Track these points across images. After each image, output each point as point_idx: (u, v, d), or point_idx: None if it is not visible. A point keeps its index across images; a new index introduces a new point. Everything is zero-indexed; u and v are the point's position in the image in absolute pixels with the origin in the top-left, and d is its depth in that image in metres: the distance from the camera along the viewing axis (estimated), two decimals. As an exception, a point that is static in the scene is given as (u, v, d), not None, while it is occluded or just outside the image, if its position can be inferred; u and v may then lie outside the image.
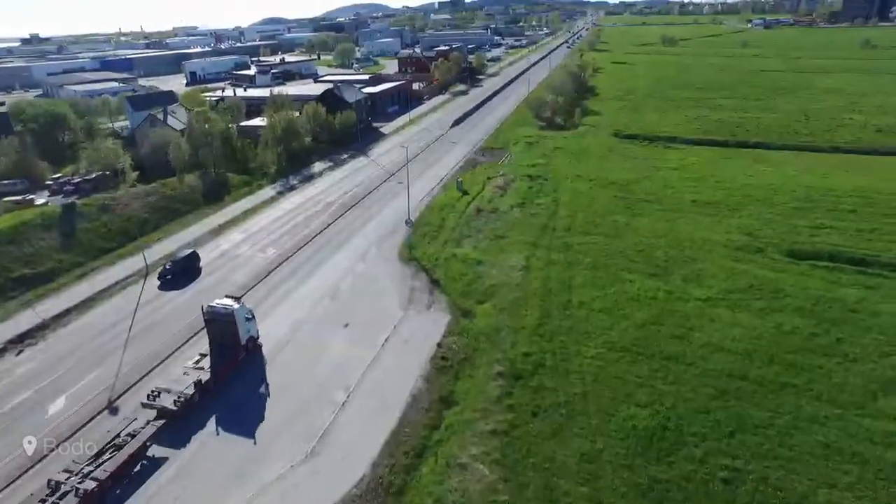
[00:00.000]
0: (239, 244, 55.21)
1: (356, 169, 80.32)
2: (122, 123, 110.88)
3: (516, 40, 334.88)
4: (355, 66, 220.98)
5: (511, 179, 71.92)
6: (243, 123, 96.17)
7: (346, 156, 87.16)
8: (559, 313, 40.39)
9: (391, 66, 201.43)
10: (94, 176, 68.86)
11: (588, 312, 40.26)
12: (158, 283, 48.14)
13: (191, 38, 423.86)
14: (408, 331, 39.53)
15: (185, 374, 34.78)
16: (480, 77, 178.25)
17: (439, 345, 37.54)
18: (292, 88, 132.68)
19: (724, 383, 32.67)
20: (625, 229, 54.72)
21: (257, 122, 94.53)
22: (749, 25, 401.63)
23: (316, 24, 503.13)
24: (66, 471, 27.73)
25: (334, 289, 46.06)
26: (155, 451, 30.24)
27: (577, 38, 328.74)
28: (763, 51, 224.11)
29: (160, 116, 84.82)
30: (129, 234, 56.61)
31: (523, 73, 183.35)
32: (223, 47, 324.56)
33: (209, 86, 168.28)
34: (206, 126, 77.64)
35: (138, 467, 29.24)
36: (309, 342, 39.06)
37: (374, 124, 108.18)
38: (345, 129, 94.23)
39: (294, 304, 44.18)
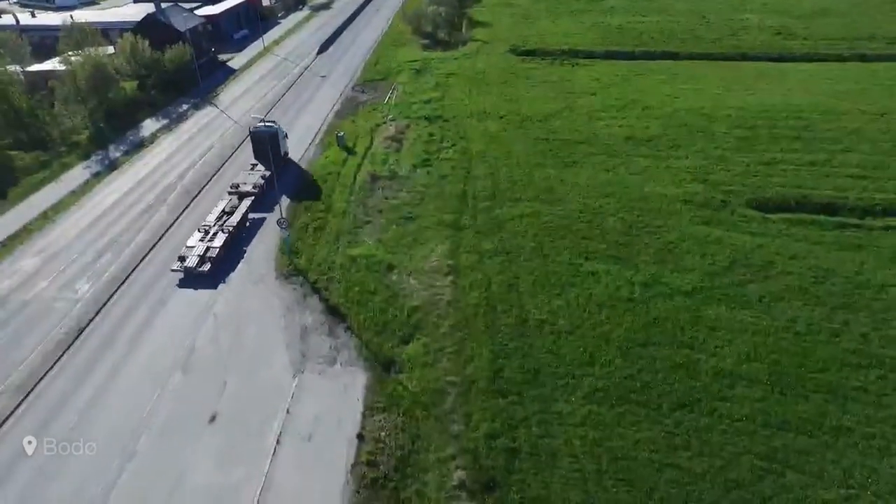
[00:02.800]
0: (32, 278, 37.02)
1: (202, 126, 61.04)
2: None
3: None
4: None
5: (405, 125, 57.76)
6: (31, 68, 71.09)
7: (186, 107, 66.59)
8: (516, 344, 29.33)
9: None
10: None
11: (554, 338, 29.55)
12: None
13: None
14: (308, 414, 26.39)
15: (249, 173, 45.41)
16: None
17: (360, 436, 25.16)
18: (101, 12, 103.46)
19: (765, 441, 23.86)
20: (561, 187, 44.04)
21: (51, 65, 69.94)
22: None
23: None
24: (205, 224, 38.55)
25: (186, 350, 30.35)
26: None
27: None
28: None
29: None
30: None
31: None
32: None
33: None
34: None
35: (248, 224, 40.51)
36: (155, 457, 24.96)
37: (221, 57, 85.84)
38: (180, 69, 72.36)
39: (124, 387, 28.34)
